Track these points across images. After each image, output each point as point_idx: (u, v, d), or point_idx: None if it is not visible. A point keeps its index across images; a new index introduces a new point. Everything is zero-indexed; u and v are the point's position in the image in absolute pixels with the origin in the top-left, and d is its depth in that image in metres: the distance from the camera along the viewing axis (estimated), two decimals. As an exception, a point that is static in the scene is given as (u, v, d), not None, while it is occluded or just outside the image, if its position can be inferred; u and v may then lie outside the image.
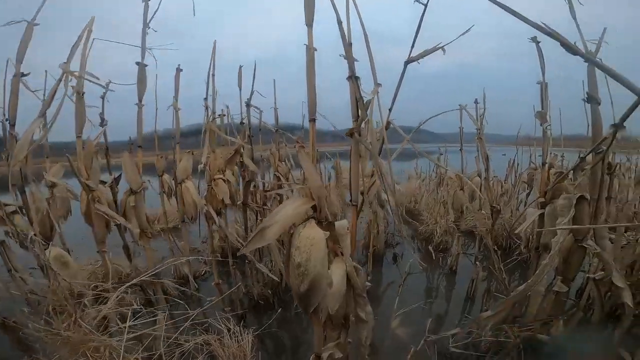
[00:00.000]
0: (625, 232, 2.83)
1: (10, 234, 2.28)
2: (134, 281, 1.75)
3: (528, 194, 4.20)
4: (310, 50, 1.22)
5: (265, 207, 3.05)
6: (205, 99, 2.63)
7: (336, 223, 1.24)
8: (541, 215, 1.88)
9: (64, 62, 1.74)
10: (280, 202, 3.33)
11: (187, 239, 2.70)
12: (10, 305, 1.98)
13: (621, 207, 3.12)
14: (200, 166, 2.28)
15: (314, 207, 1.11)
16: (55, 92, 1.59)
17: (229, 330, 2.01)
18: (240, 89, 3.01)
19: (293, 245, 1.10)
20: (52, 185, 2.56)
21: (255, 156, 3.27)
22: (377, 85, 1.26)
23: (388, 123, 1.37)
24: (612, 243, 1.81)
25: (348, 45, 1.29)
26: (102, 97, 2.53)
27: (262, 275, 2.99)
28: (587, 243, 1.58)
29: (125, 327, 1.66)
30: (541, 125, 1.93)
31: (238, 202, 2.87)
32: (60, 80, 1.67)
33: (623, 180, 4.38)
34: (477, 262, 3.21)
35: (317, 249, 1.08)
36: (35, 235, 1.57)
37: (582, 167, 1.69)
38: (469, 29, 1.31)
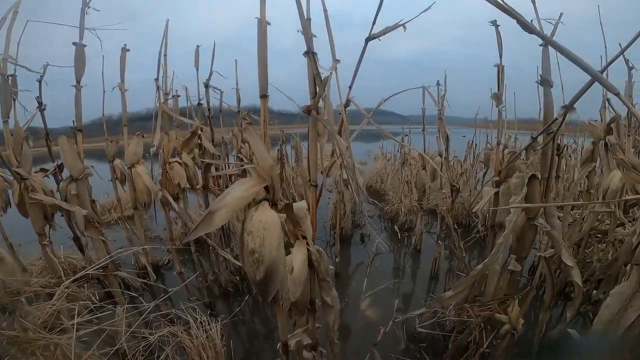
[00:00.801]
0: (572, 210, 3.03)
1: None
2: (79, 275, 1.61)
3: (485, 173, 4.38)
4: (262, 23, 1.13)
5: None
6: (157, 79, 2.46)
7: (294, 205, 1.18)
8: (496, 194, 1.94)
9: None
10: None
11: (141, 226, 2.55)
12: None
13: (568, 187, 3.32)
14: (152, 149, 2.14)
15: (266, 189, 1.04)
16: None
17: (195, 320, 1.95)
18: (197, 69, 2.87)
19: (245, 230, 1.02)
20: (-14, 176, 2.30)
21: (217, 138, 3.14)
22: (335, 61, 1.20)
23: (348, 101, 1.32)
24: (560, 221, 1.89)
25: (306, 20, 1.22)
26: (39, 81, 2.36)
27: (229, 261, 2.92)
28: (538, 221, 1.63)
29: (74, 324, 1.53)
30: (497, 106, 1.97)
31: (197, 187, 2.74)
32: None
33: (570, 161, 4.71)
34: (438, 241, 3.31)
35: (271, 233, 1.00)
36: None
37: (534, 147, 1.74)
38: (429, 7, 1.27)
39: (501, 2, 0.85)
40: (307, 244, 1.29)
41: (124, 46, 2.39)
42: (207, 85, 2.93)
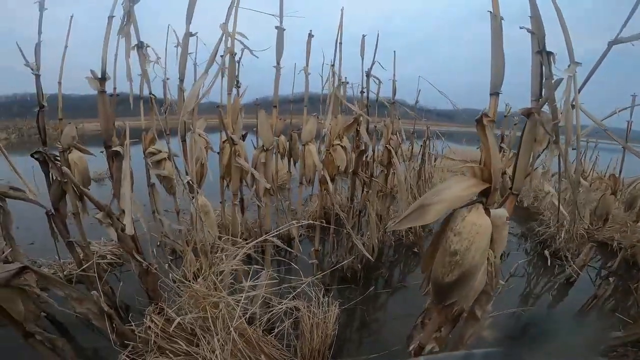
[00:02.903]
0: None
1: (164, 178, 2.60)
2: (261, 239, 1.86)
3: None
4: (496, 18, 1.06)
5: (373, 178, 3.00)
6: (333, 65, 2.66)
7: (493, 211, 1.10)
8: None
9: (224, 23, 1.86)
10: (387, 175, 3.26)
11: (300, 200, 2.83)
12: (147, 247, 2.06)
13: None
14: (324, 130, 2.32)
15: (483, 191, 1.00)
16: (217, 50, 1.72)
17: (317, 299, 1.99)
18: (362, 59, 2.97)
19: (452, 230, 1.00)
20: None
21: (370, 127, 3.22)
22: (574, 63, 1.05)
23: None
24: None
25: (536, 14, 1.10)
26: (238, 62, 2.73)
27: (355, 248, 3.00)
28: None
29: (245, 286, 1.73)
30: None
31: (349, 170, 2.88)
32: (220, 40, 1.79)
33: None
34: (609, 278, 2.76)
35: (481, 238, 0.98)
36: (191, 181, 1.76)
37: None
38: None
39: None
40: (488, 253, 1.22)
41: (309, 32, 2.64)
42: (368, 75, 3.02)
